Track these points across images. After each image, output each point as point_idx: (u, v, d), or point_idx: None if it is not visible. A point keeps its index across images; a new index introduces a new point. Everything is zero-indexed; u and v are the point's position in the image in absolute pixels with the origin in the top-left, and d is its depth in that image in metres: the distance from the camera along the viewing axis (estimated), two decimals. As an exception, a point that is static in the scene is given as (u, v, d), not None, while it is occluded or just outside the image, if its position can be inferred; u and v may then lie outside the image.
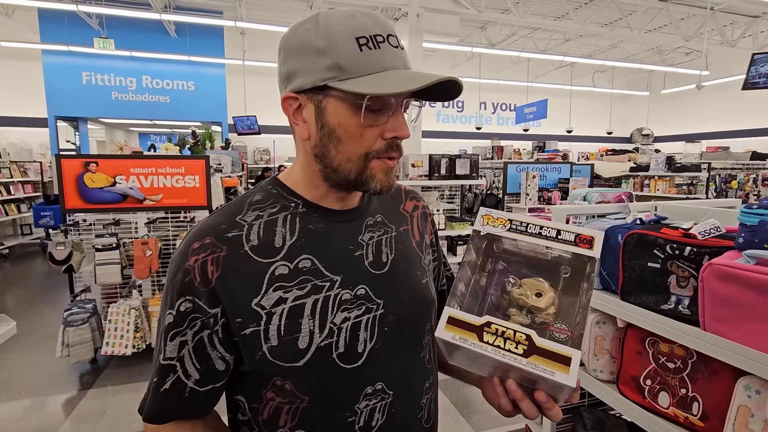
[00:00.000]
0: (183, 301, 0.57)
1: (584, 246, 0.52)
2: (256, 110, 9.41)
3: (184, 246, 0.59)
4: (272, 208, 0.63)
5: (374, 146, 0.58)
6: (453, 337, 0.50)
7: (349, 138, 0.58)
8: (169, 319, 0.58)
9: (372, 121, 0.57)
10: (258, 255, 0.59)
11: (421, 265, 0.73)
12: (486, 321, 0.50)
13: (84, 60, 8.38)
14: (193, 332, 0.57)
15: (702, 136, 11.05)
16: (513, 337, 0.48)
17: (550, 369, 0.46)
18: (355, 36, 0.54)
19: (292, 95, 0.59)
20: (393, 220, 0.72)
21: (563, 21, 8.59)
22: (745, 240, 0.86)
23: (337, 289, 0.60)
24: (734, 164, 6.79)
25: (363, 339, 0.61)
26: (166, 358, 0.58)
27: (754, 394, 0.85)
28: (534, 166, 4.81)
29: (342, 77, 0.54)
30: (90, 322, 3.04)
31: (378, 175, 0.60)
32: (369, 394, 0.61)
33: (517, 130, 11.68)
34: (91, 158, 3.11)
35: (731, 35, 8.90)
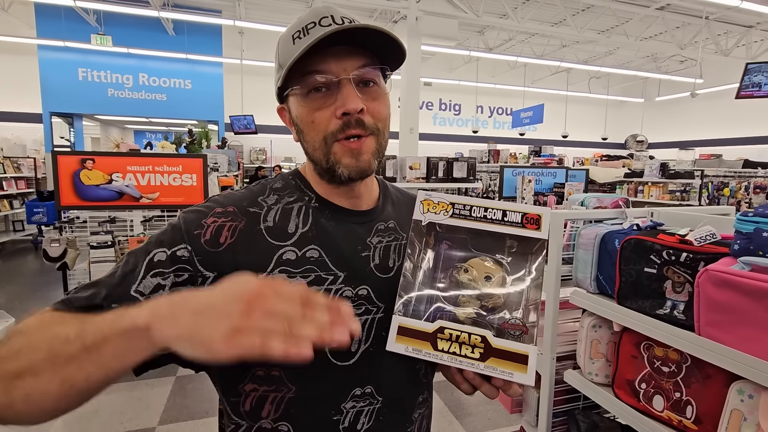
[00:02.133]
0: (183, 248, 0.56)
1: (532, 227, 0.50)
2: (253, 110, 9.40)
3: (204, 205, 0.61)
4: (290, 197, 0.65)
5: (329, 128, 0.59)
6: (406, 349, 0.49)
7: (305, 126, 0.60)
8: (160, 257, 0.55)
9: (319, 103, 0.58)
10: (270, 236, 0.60)
11: None
12: (438, 327, 0.49)
13: (80, 56, 8.33)
14: (176, 281, 0.55)
15: (695, 143, 11.19)
16: (468, 341, 0.47)
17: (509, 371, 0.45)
18: (291, 34, 0.58)
19: (280, 106, 0.65)
20: (405, 228, 0.70)
21: (560, 27, 8.67)
22: (741, 247, 0.87)
23: (340, 284, 0.61)
24: (726, 172, 6.88)
25: (357, 339, 0.60)
26: (136, 291, 0.53)
27: (746, 398, 0.86)
28: (530, 170, 4.84)
29: (282, 74, 0.58)
30: (83, 320, 3.02)
31: (343, 159, 0.59)
32: (357, 395, 0.60)
33: (513, 134, 11.76)
34: (87, 155, 3.09)
35: (725, 44, 9.03)
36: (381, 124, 0.62)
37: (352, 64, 0.58)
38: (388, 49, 0.59)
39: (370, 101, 0.60)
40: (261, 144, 10.35)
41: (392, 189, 0.78)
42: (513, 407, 1.57)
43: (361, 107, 0.57)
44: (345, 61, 0.58)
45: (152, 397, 2.72)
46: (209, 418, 2.53)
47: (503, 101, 12.86)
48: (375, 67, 0.60)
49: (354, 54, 0.58)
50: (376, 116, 0.61)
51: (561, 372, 1.41)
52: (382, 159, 0.65)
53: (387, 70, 0.63)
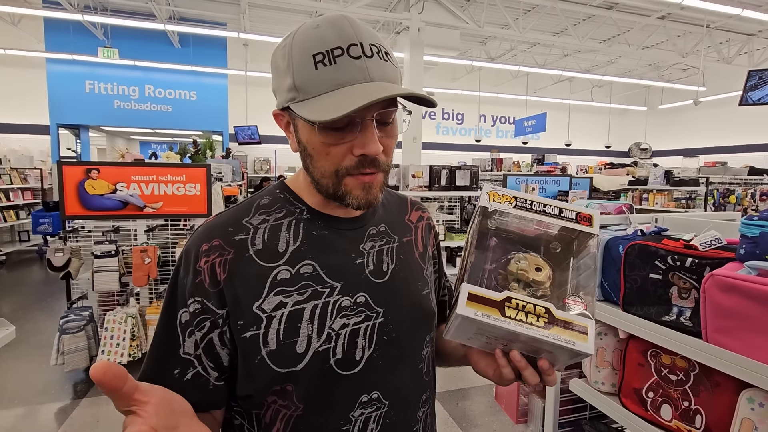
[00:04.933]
0: (193, 301, 0.58)
1: (585, 224, 0.55)
2: (258, 120, 9.48)
3: (193, 245, 0.60)
4: (278, 212, 0.64)
5: (343, 163, 0.57)
6: (476, 314, 0.50)
7: (317, 155, 0.58)
8: (185, 317, 0.58)
9: (337, 139, 0.56)
10: (261, 259, 0.60)
11: (423, 276, 0.73)
12: (506, 296, 0.52)
13: (87, 69, 8.46)
14: (202, 333, 0.58)
15: (700, 151, 11.14)
16: (533, 311, 0.50)
17: (571, 339, 0.48)
18: (311, 53, 0.53)
19: (277, 111, 0.62)
20: (397, 230, 0.72)
21: (562, 36, 8.73)
22: (747, 251, 0.86)
23: (337, 295, 0.60)
24: (732, 179, 6.83)
25: (361, 346, 0.61)
26: (185, 353, 0.58)
27: (757, 407, 0.84)
28: (533, 178, 4.83)
29: (299, 98, 0.55)
30: (86, 329, 3.01)
31: (354, 191, 0.59)
32: (364, 402, 0.61)
33: (516, 142, 11.77)
34: (92, 165, 3.11)
35: (727, 52, 9.04)
36: (390, 159, 0.62)
37: (378, 105, 0.55)
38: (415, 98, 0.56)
39: (385, 139, 0.58)
40: (265, 154, 10.42)
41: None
42: (518, 418, 1.54)
43: (381, 150, 0.56)
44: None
45: (154, 408, 2.70)
46: (211, 429, 2.50)
47: (506, 110, 12.90)
48: (396, 108, 0.59)
49: None
50: (388, 153, 0.60)
51: (566, 381, 1.38)
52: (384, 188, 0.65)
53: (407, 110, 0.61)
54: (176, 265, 0.61)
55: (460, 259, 0.60)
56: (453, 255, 4.33)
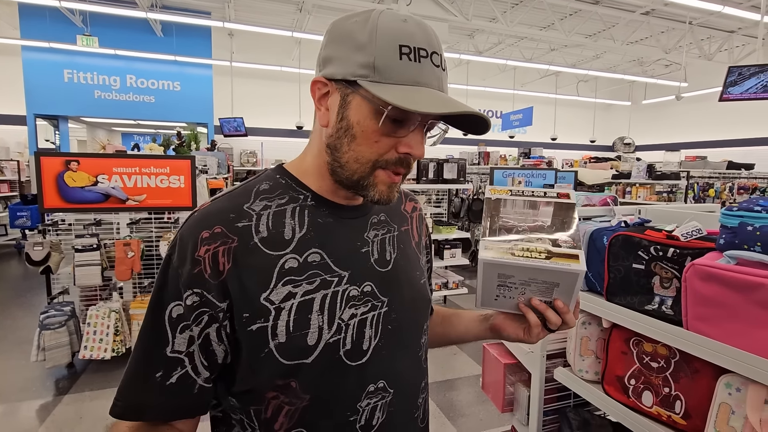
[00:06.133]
0: (191, 293, 0.54)
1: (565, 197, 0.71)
2: (243, 112, 9.34)
3: (189, 232, 0.56)
4: (280, 198, 0.61)
5: (386, 156, 0.57)
6: (494, 257, 0.61)
7: (363, 139, 0.56)
8: (178, 311, 0.54)
9: (391, 130, 0.56)
10: (267, 247, 0.57)
11: (419, 265, 0.74)
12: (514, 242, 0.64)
13: (66, 57, 8.19)
14: (199, 328, 0.55)
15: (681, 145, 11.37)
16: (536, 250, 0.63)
17: (567, 263, 0.60)
18: (398, 42, 0.53)
19: (323, 80, 0.58)
20: (395, 219, 0.72)
21: (549, 31, 8.77)
22: (726, 241, 0.88)
23: (345, 284, 0.60)
24: (711, 173, 7.00)
25: (368, 336, 0.61)
26: (174, 351, 0.54)
27: (734, 392, 0.87)
28: (520, 171, 4.88)
29: (374, 79, 0.53)
30: (68, 325, 2.95)
31: (380, 186, 0.59)
32: (371, 392, 0.61)
33: (503, 136, 11.84)
34: (72, 156, 3.03)
35: (708, 49, 9.22)
36: None
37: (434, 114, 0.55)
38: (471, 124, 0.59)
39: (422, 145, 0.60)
40: (251, 147, 10.28)
41: None
42: (504, 406, 1.56)
43: (422, 156, 0.58)
44: None
45: (139, 403, 2.67)
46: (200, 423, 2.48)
47: (493, 104, 12.95)
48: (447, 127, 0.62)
49: None
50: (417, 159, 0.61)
51: (551, 370, 1.41)
52: None
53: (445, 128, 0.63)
54: (167, 254, 0.57)
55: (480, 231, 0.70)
56: (441, 248, 4.35)
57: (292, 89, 10.06)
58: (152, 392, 0.54)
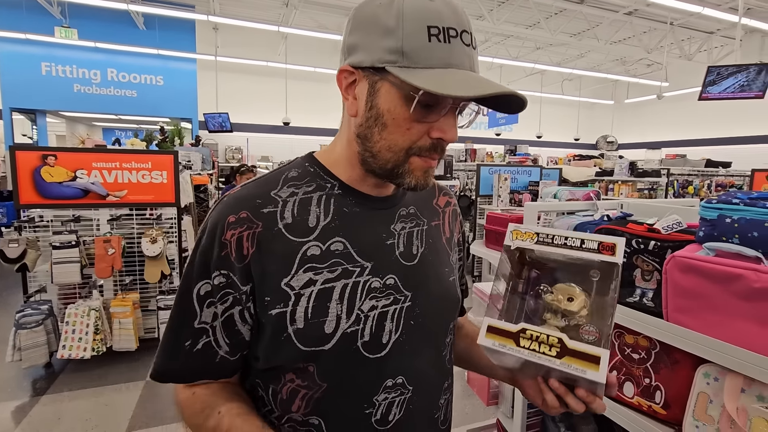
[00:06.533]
0: (218, 274, 0.56)
1: (607, 253, 0.55)
2: (229, 108, 9.21)
3: (219, 216, 0.57)
4: (308, 186, 0.61)
5: (419, 142, 0.55)
6: (493, 344, 0.54)
7: (395, 127, 0.55)
8: (206, 288, 0.57)
9: (422, 116, 0.54)
10: (291, 234, 0.58)
11: (449, 262, 0.71)
12: (521, 328, 0.54)
13: (43, 49, 7.97)
14: (224, 307, 0.57)
15: (662, 144, 11.63)
16: (546, 341, 0.52)
17: (582, 368, 0.49)
18: (426, 24, 0.50)
19: (349, 69, 0.56)
20: (425, 213, 0.70)
21: (534, 29, 8.86)
22: (705, 233, 0.89)
23: (367, 275, 0.59)
24: (691, 171, 7.18)
25: (389, 330, 0.59)
26: (201, 322, 0.57)
27: (712, 381, 0.89)
28: (506, 168, 4.92)
29: (403, 64, 0.51)
30: (45, 324, 2.87)
31: (416, 172, 0.57)
32: (389, 387, 0.60)
33: (489, 134, 11.94)
34: (49, 151, 2.94)
35: (689, 49, 9.43)
36: None
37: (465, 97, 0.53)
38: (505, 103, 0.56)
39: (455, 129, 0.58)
40: (237, 143, 10.15)
41: None
42: (489, 400, 1.57)
43: (456, 139, 0.56)
44: None
45: (120, 403, 2.61)
46: (181, 423, 2.44)
47: (480, 102, 13.03)
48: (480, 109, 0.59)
49: None
50: None
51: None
52: None
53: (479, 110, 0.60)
54: (198, 236, 0.59)
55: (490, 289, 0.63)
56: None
57: (278, 85, 9.96)
58: (183, 358, 0.59)
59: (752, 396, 0.82)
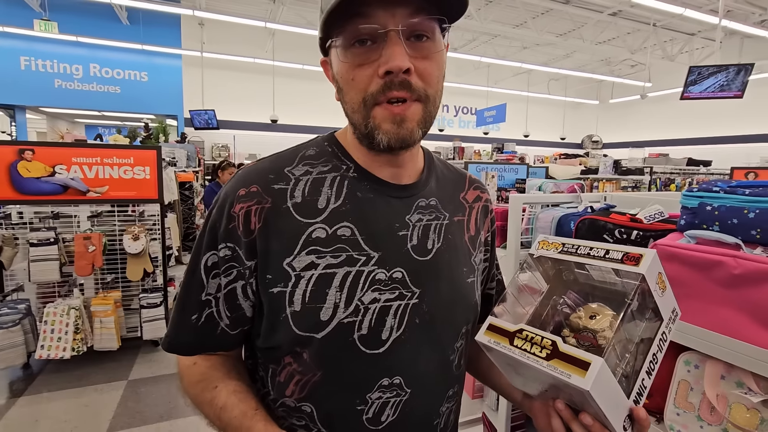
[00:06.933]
0: (224, 247, 0.56)
1: (630, 263, 0.52)
2: (215, 104, 9.08)
3: (230, 189, 0.57)
4: (324, 166, 0.60)
5: (370, 88, 0.51)
6: (489, 341, 0.53)
7: (345, 84, 0.53)
8: (213, 259, 0.57)
9: (361, 58, 0.51)
10: (299, 213, 0.56)
11: (470, 262, 0.66)
12: (519, 328, 0.52)
13: (23, 43, 7.74)
14: (227, 280, 0.56)
15: (645, 143, 11.84)
16: (540, 343, 0.50)
17: (567, 372, 0.46)
18: None
19: (322, 59, 0.59)
20: (448, 207, 0.66)
21: (521, 29, 8.93)
22: (687, 221, 0.90)
23: (373, 266, 0.56)
24: (673, 169, 7.32)
25: (389, 326, 0.56)
26: (207, 294, 0.57)
27: (693, 369, 0.90)
28: (493, 166, 4.94)
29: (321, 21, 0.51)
30: (22, 323, 2.79)
31: (383, 125, 0.52)
32: (384, 386, 0.56)
33: (477, 132, 12.01)
34: (26, 145, 2.86)
35: (671, 50, 9.61)
36: (431, 89, 0.54)
37: (403, 12, 0.49)
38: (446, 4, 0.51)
39: (420, 60, 0.51)
40: (224, 140, 10.02)
41: (438, 163, 0.72)
42: (474, 393, 1.57)
43: (407, 66, 0.49)
44: (394, 7, 0.49)
45: (101, 403, 2.55)
46: (164, 422, 2.40)
47: (468, 101, 13.10)
48: (431, 17, 0.51)
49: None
50: (426, 78, 0.52)
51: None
52: (428, 130, 0.56)
53: (444, 22, 0.53)
54: (210, 208, 0.58)
55: None
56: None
57: (266, 82, 9.85)
58: (189, 332, 0.59)
59: (731, 382, 0.83)
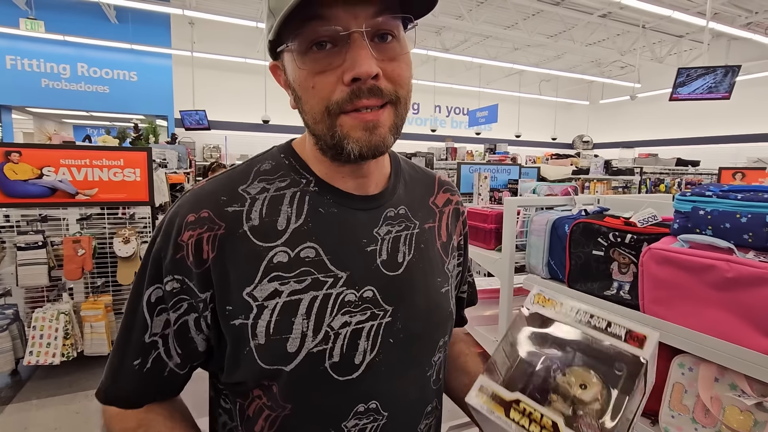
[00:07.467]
0: (171, 279, 0.50)
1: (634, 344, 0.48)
2: (206, 105, 9.00)
3: (176, 214, 0.51)
4: (281, 181, 0.54)
5: (334, 96, 0.46)
6: (481, 407, 0.49)
7: (304, 92, 0.48)
8: (157, 294, 0.51)
9: (322, 64, 0.46)
10: (257, 237, 0.51)
11: (444, 270, 0.64)
12: (516, 398, 0.49)
13: (8, 42, 7.61)
14: (177, 315, 0.51)
15: (635, 143, 11.98)
16: (539, 420, 0.46)
17: None
18: None
19: (273, 63, 0.53)
20: (418, 214, 0.62)
21: (513, 30, 8.98)
22: (680, 225, 0.91)
23: (341, 287, 0.52)
24: (662, 169, 7.41)
25: (363, 349, 0.53)
26: (152, 335, 0.51)
27: (687, 371, 0.90)
28: (486, 167, 4.96)
29: (271, 23, 0.46)
30: (10, 329, 2.74)
31: (352, 134, 0.48)
32: (360, 412, 0.53)
33: (469, 133, 12.06)
34: (12, 147, 2.80)
35: (660, 52, 9.74)
36: (403, 90, 0.50)
37: (366, 11, 0.44)
38: None
39: (387, 61, 0.47)
40: (215, 141, 9.94)
41: (405, 165, 0.67)
42: (471, 395, 1.58)
43: (376, 71, 0.45)
44: (356, 6, 0.44)
45: (92, 410, 2.52)
46: (156, 428, 2.37)
47: (460, 101, 13.15)
48: (395, 15, 0.47)
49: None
50: (396, 80, 0.48)
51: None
52: (400, 134, 0.52)
53: (410, 20, 0.50)
54: (153, 236, 0.53)
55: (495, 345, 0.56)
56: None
57: (257, 82, 9.78)
58: (129, 380, 0.52)
59: (725, 385, 0.84)
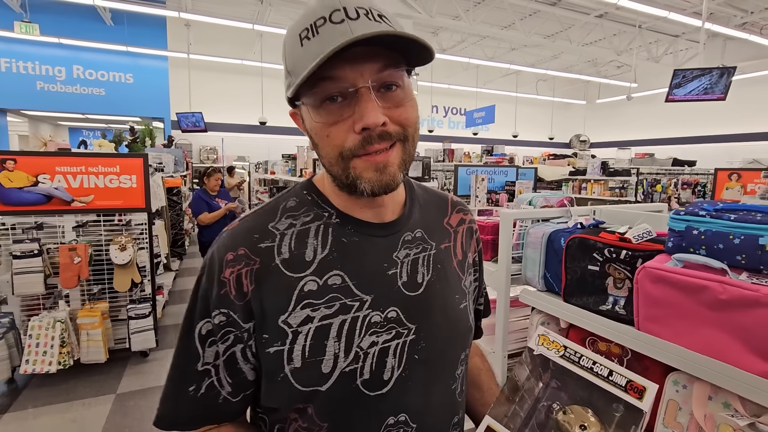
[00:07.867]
0: (218, 313, 0.55)
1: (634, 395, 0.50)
2: (203, 107, 8.99)
3: (217, 253, 0.57)
4: (306, 216, 0.60)
5: (347, 144, 0.52)
6: None
7: (320, 140, 0.54)
8: (207, 327, 0.56)
9: (335, 116, 0.51)
10: (288, 269, 0.56)
11: (461, 287, 0.68)
12: None
13: (3, 45, 7.59)
14: (225, 346, 0.56)
15: (631, 143, 12.02)
16: None
17: None
18: (298, 32, 0.50)
19: (293, 111, 0.59)
20: (434, 235, 0.66)
21: (510, 30, 8.99)
22: (674, 244, 0.91)
23: (367, 310, 0.56)
24: (659, 170, 7.43)
25: (390, 366, 0.56)
26: (204, 364, 0.56)
27: (681, 389, 0.91)
28: (483, 169, 4.97)
29: (293, 82, 0.51)
30: (6, 337, 2.72)
31: (365, 174, 0.53)
32: (390, 425, 0.57)
33: (467, 133, 12.07)
34: (8, 155, 2.79)
35: (656, 52, 9.76)
36: (410, 129, 0.55)
37: (371, 68, 0.50)
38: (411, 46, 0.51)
39: (393, 108, 0.53)
40: (212, 143, 9.93)
41: (419, 190, 0.73)
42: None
43: (383, 120, 0.51)
44: (362, 65, 0.50)
45: (88, 418, 2.51)
46: None
47: (457, 101, 13.16)
48: (398, 69, 0.52)
49: (372, 55, 0.50)
50: (403, 123, 0.54)
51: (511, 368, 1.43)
52: (409, 168, 0.57)
53: (412, 70, 0.56)
54: (198, 275, 0.58)
55: None
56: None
57: (254, 84, 9.77)
58: (187, 406, 0.57)
59: (719, 403, 0.84)
